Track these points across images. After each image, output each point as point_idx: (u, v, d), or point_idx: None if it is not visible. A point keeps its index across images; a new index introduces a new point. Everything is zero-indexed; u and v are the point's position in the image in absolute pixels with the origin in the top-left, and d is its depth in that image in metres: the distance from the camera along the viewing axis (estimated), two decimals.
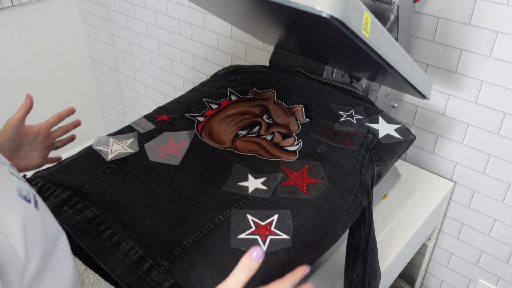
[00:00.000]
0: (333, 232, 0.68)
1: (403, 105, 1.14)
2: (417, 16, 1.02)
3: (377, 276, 0.82)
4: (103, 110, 2.18)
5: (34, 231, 0.42)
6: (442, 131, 1.11)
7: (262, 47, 1.37)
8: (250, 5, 0.78)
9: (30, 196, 0.45)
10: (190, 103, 0.93)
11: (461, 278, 1.25)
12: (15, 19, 1.75)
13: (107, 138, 0.83)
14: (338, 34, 0.60)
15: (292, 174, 0.75)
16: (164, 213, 0.69)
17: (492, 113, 1.01)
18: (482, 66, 0.98)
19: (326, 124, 0.86)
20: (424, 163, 1.18)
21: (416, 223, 1.01)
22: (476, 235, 1.16)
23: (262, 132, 0.85)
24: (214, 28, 1.46)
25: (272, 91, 0.95)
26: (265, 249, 0.63)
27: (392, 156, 0.82)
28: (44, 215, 0.46)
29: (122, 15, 1.74)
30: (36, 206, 0.45)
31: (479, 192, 1.11)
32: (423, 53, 1.05)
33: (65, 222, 0.66)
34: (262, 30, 0.99)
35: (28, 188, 0.46)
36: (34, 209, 0.44)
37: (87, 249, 0.63)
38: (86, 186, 0.72)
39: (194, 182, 0.74)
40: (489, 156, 1.05)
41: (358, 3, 0.56)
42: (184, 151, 0.80)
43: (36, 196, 0.47)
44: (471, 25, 0.95)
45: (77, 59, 2.03)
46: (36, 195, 0.47)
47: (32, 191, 0.46)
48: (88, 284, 0.64)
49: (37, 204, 0.45)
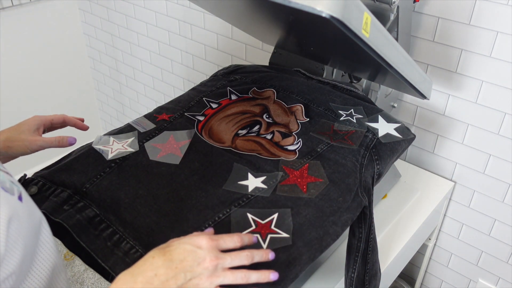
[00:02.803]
0: (333, 231, 0.68)
1: (403, 105, 1.15)
2: (417, 16, 1.02)
3: (377, 275, 0.82)
4: (103, 110, 2.18)
5: (18, 223, 0.43)
6: (442, 131, 1.11)
7: (262, 47, 1.37)
8: (250, 5, 0.78)
9: (13, 188, 0.45)
10: (190, 102, 0.93)
11: (461, 278, 1.25)
12: (15, 19, 1.75)
13: (107, 137, 0.83)
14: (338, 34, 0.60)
15: (292, 173, 0.75)
16: (165, 212, 0.69)
17: (492, 113, 1.01)
18: (482, 66, 0.98)
19: (326, 123, 0.86)
20: (424, 163, 1.18)
21: (416, 223, 1.01)
22: (476, 235, 1.16)
23: (262, 131, 0.85)
24: (214, 28, 1.46)
25: (272, 90, 0.95)
26: (265, 247, 0.63)
27: (392, 155, 0.82)
28: (29, 206, 0.47)
29: (122, 15, 1.75)
30: (20, 199, 0.46)
31: (479, 192, 1.11)
32: (423, 53, 1.05)
33: (65, 221, 0.66)
34: (262, 30, 0.99)
35: (12, 180, 0.46)
36: (17, 202, 0.45)
37: (88, 248, 0.63)
38: (87, 185, 0.72)
39: (194, 181, 0.74)
40: (489, 156, 1.05)
41: (358, 3, 0.56)
42: (184, 150, 0.80)
43: (20, 188, 0.47)
44: (471, 25, 0.96)
45: (77, 59, 2.03)
46: (20, 187, 0.48)
47: (16, 183, 0.47)
48: (88, 284, 0.64)
49: (21, 197, 0.46)
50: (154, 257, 0.51)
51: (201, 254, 0.52)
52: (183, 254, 0.51)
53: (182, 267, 0.50)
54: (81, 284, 0.64)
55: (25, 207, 0.46)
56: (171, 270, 0.50)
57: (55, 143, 0.78)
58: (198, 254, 0.52)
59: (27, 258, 0.46)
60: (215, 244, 0.54)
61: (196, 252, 0.52)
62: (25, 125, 0.78)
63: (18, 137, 0.76)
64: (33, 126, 0.78)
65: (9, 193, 0.44)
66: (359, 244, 0.76)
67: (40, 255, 0.48)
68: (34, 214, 0.48)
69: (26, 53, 1.84)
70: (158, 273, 0.49)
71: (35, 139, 0.77)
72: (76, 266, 0.66)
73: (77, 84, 2.07)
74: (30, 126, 0.78)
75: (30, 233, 0.46)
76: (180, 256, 0.51)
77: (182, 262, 0.51)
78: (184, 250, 0.52)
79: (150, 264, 0.50)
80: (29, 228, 0.45)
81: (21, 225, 0.44)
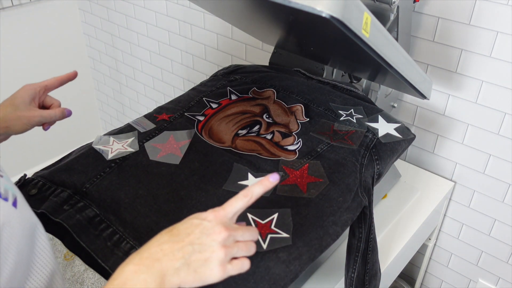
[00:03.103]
0: (333, 231, 0.68)
1: (403, 105, 1.15)
2: (417, 16, 1.02)
3: (377, 275, 0.82)
4: (103, 110, 2.18)
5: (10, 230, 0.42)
6: (442, 131, 1.11)
7: (262, 47, 1.37)
8: (250, 5, 0.78)
9: (8, 193, 0.44)
10: (190, 102, 0.93)
11: (461, 278, 1.25)
12: (15, 19, 1.75)
13: (107, 137, 0.83)
14: (338, 34, 0.60)
15: (292, 173, 0.75)
16: (165, 212, 0.69)
17: (492, 113, 1.01)
18: (482, 66, 0.98)
19: (326, 123, 0.86)
20: (424, 163, 1.18)
21: (416, 223, 1.01)
22: (476, 235, 1.16)
23: (262, 131, 0.85)
24: (214, 28, 1.46)
25: (272, 90, 0.95)
26: (265, 247, 0.63)
27: (392, 155, 0.82)
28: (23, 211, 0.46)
29: (122, 15, 1.75)
30: (15, 204, 0.44)
31: (479, 192, 1.11)
32: (423, 53, 1.05)
33: (65, 221, 0.66)
34: (262, 30, 0.99)
35: (7, 184, 0.45)
36: (11, 208, 0.43)
37: (88, 248, 0.63)
38: (87, 185, 0.72)
39: (194, 181, 0.74)
40: (489, 156, 1.05)
41: (358, 3, 0.56)
42: (184, 150, 0.80)
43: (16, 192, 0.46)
44: (471, 25, 0.96)
45: (77, 59, 2.03)
46: (16, 191, 0.46)
47: (11, 187, 0.45)
48: (88, 284, 0.64)
49: (16, 202, 0.45)
50: (161, 235, 0.49)
51: (208, 226, 0.49)
52: (190, 228, 0.49)
53: (189, 240, 0.48)
54: (81, 284, 0.64)
55: (19, 213, 0.45)
56: (177, 243, 0.48)
57: (53, 116, 0.73)
58: (205, 226, 0.49)
59: (22, 264, 0.45)
60: (223, 214, 0.51)
61: (203, 225, 0.49)
62: (18, 98, 0.72)
63: (14, 114, 0.71)
64: (27, 98, 0.72)
65: (2, 198, 0.43)
66: (359, 244, 0.76)
67: (38, 260, 0.47)
68: (29, 219, 0.47)
69: (26, 53, 1.84)
70: (163, 248, 0.47)
71: (33, 115, 0.72)
72: (76, 266, 0.66)
73: (77, 84, 2.07)
74: (24, 98, 0.72)
75: (24, 239, 0.45)
76: (187, 230, 0.49)
77: (189, 235, 0.48)
78: (191, 224, 0.49)
79: (155, 240, 0.49)
80: (23, 234, 0.44)
81: (13, 232, 0.42)
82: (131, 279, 0.45)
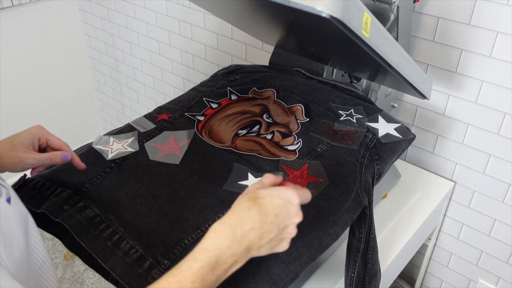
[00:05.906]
0: (333, 231, 0.68)
1: (403, 105, 1.15)
2: (417, 16, 1.02)
3: (377, 275, 0.82)
4: (103, 110, 2.18)
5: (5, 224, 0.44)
6: (442, 131, 1.11)
7: (262, 47, 1.37)
8: (250, 5, 0.78)
9: (1, 191, 0.46)
10: (190, 102, 0.93)
11: (461, 278, 1.25)
12: (15, 19, 1.75)
13: (107, 137, 0.83)
14: (338, 34, 0.60)
15: (292, 173, 0.75)
16: (165, 212, 0.69)
17: (492, 113, 1.01)
18: (482, 66, 0.98)
19: (326, 123, 0.86)
20: (424, 163, 1.18)
21: (416, 223, 1.01)
22: (476, 235, 1.16)
23: (262, 131, 0.85)
24: (214, 28, 1.46)
25: (272, 90, 0.95)
26: None
27: (392, 155, 0.82)
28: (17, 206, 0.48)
29: (122, 15, 1.75)
30: (9, 201, 0.46)
31: (479, 192, 1.11)
32: (423, 53, 1.05)
33: (65, 221, 0.66)
34: (262, 30, 0.99)
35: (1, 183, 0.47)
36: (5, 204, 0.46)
37: (88, 248, 0.63)
38: (87, 185, 0.72)
39: (194, 181, 0.74)
40: (489, 156, 1.05)
41: (358, 3, 0.56)
42: (184, 150, 0.80)
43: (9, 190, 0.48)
44: (471, 25, 0.96)
45: (77, 59, 2.03)
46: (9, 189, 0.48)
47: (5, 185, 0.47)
48: (88, 284, 0.64)
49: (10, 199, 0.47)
50: (251, 210, 0.52)
51: (292, 210, 0.54)
52: (278, 208, 0.52)
53: (277, 222, 0.52)
54: (81, 284, 0.64)
55: (13, 209, 0.47)
56: (267, 224, 0.51)
57: (47, 160, 0.71)
58: (290, 209, 0.53)
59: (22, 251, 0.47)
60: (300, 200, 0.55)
61: (287, 207, 0.53)
62: (19, 137, 0.71)
63: (9, 152, 0.70)
64: (27, 140, 0.71)
65: None
66: (359, 244, 0.76)
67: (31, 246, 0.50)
68: (21, 212, 0.50)
69: (26, 53, 1.84)
70: (254, 226, 0.51)
71: (26, 156, 0.70)
72: (76, 266, 0.66)
73: (77, 84, 2.07)
74: (25, 139, 0.71)
75: (19, 232, 0.47)
76: (275, 210, 0.52)
77: (277, 217, 0.52)
78: (278, 205, 0.53)
79: (247, 217, 0.51)
80: (17, 227, 0.47)
81: (9, 226, 0.45)
82: (224, 253, 0.49)
